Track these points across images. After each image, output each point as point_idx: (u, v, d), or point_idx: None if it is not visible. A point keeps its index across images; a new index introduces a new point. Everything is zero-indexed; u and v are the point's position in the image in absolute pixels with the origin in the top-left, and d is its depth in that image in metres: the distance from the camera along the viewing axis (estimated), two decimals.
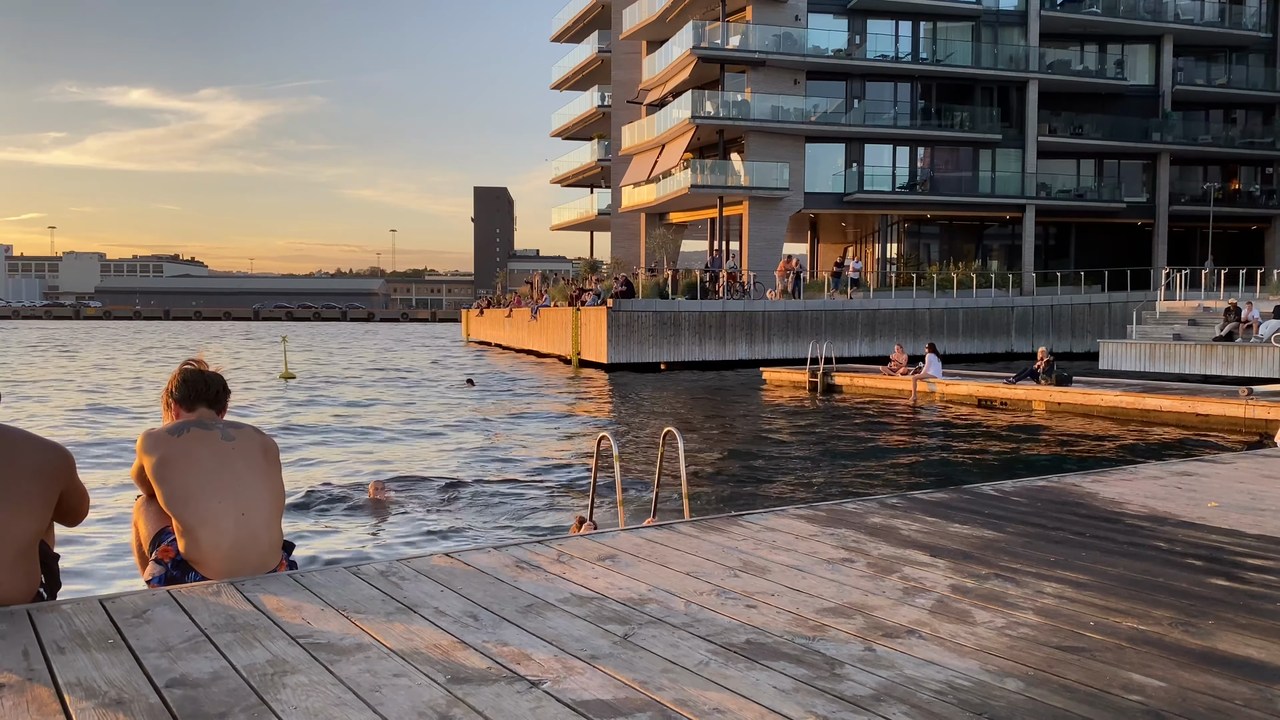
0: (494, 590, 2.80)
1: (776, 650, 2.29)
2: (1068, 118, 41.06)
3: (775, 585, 2.85)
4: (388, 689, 2.05)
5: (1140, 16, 40.92)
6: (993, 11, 39.58)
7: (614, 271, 38.10)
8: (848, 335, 31.38)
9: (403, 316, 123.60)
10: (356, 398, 21.46)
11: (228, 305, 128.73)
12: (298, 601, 2.67)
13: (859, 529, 3.60)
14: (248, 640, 2.35)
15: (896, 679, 2.11)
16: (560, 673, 2.15)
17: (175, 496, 3.06)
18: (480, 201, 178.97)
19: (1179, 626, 2.47)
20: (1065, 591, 2.79)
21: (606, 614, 2.57)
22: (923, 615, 2.57)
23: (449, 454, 13.39)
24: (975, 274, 35.67)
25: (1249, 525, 3.68)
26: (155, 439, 3.14)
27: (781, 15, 37.07)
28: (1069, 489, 4.48)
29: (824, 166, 38.36)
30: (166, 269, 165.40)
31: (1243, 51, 43.42)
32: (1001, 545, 3.35)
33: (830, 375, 21.70)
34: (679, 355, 29.89)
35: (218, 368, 3.43)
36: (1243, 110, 44.12)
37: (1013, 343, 34.24)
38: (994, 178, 40.15)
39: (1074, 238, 42.65)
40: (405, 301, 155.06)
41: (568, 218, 54.85)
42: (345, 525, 8.79)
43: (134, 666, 2.17)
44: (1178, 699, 2.00)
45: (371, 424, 16.78)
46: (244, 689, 2.04)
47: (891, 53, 39.01)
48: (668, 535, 3.52)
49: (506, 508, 9.83)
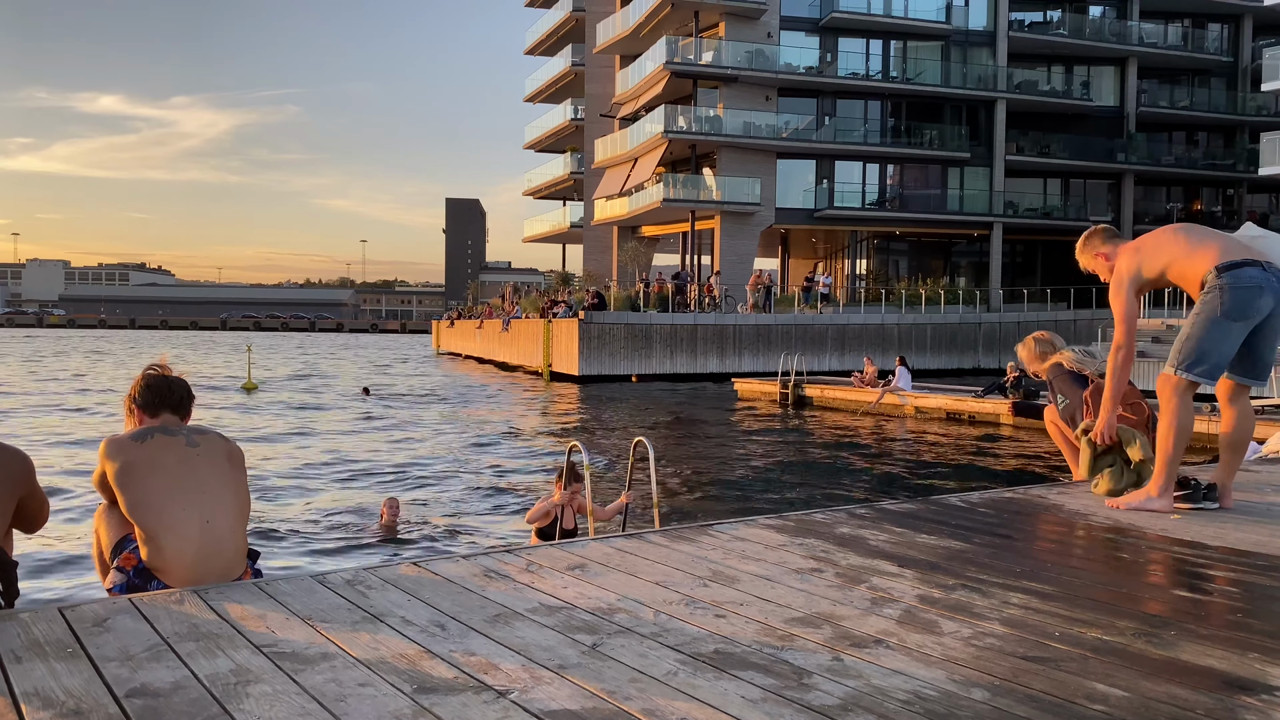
0: (462, 599, 2.78)
1: (745, 660, 2.29)
2: (1035, 137, 41.65)
3: (744, 595, 2.85)
4: (353, 699, 2.03)
5: (1106, 39, 41.63)
6: (962, 32, 40.10)
7: (586, 284, 38.11)
8: (818, 349, 31.57)
9: (372, 328, 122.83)
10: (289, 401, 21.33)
11: (195, 315, 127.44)
12: (262, 610, 2.64)
13: (828, 539, 3.61)
14: (211, 649, 2.31)
15: (864, 689, 2.12)
16: (528, 682, 2.13)
17: (138, 503, 3.01)
18: (452, 213, 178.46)
19: (1142, 637, 2.49)
20: (1031, 602, 2.81)
21: (575, 623, 2.56)
22: (890, 625, 2.57)
23: (393, 466, 13.30)
24: (943, 290, 36.03)
25: (1211, 537, 3.73)
26: (118, 445, 3.09)
27: (754, 32, 37.35)
28: (1035, 500, 4.52)
29: (795, 182, 38.63)
30: (133, 277, 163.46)
31: (1205, 75, 44.27)
32: (968, 556, 3.38)
33: (801, 387, 21.79)
34: (650, 367, 29.93)
35: (181, 373, 3.39)
36: (1205, 132, 44.96)
37: (980, 358, 34.58)
38: (962, 195, 40.61)
39: (1040, 255, 43.21)
40: (375, 312, 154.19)
41: (540, 230, 54.82)
42: (311, 533, 8.70)
43: (93, 676, 2.13)
44: (1140, 709, 2.02)
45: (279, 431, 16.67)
46: (206, 699, 2.01)
47: (862, 70, 39.40)
48: (638, 545, 3.51)
49: (474, 517, 9.78)
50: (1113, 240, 4.53)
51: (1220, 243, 4.15)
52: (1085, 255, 4.57)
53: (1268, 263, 4.05)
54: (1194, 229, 4.31)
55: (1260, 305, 3.99)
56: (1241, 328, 4.02)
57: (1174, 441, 4.11)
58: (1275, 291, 4.00)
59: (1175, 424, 4.09)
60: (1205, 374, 4.08)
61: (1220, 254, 4.07)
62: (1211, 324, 4.01)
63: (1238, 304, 3.97)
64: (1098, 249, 4.52)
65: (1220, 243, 4.15)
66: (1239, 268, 3.99)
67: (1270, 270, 4.02)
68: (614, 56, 44.60)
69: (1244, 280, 3.97)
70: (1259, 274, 3.98)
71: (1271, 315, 4.05)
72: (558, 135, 52.23)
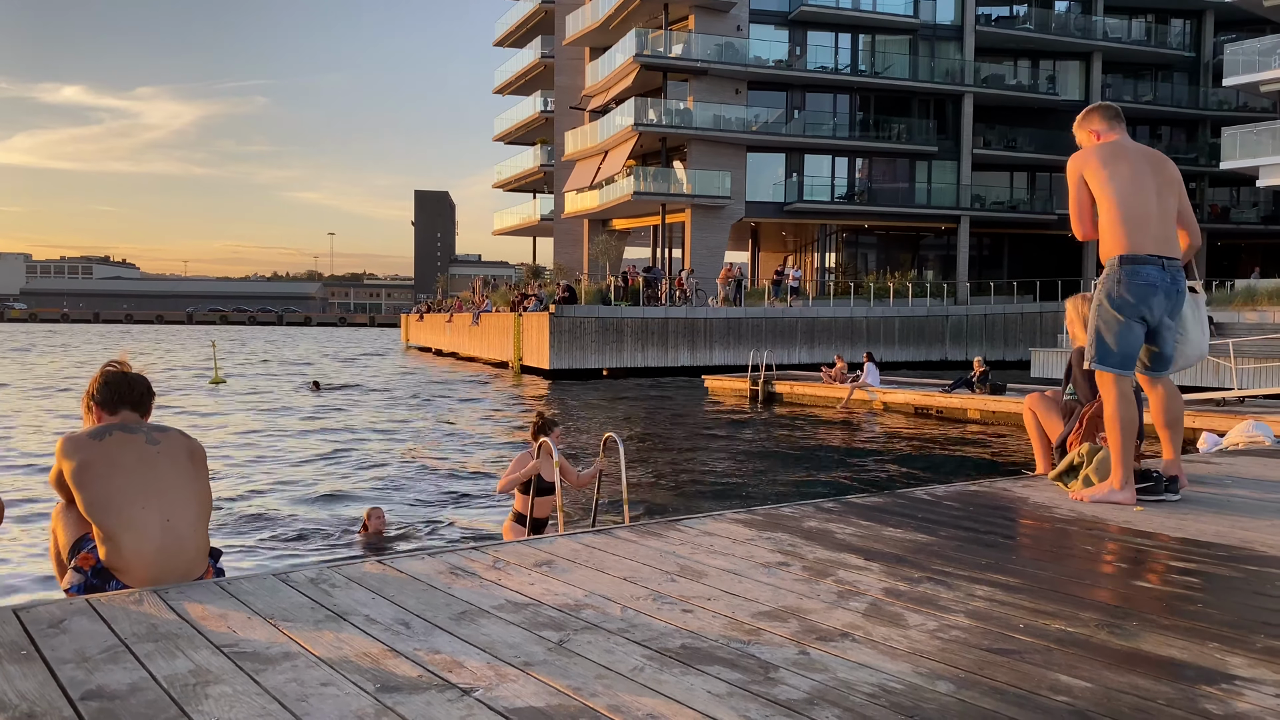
0: (427, 597, 2.75)
1: (711, 655, 2.29)
2: (1002, 131, 42.00)
3: (712, 589, 2.85)
4: (315, 698, 2.00)
5: (1071, 34, 42.04)
6: (930, 26, 40.33)
7: (557, 277, 38.01)
8: (787, 343, 31.69)
9: (340, 321, 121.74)
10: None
11: (160, 308, 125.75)
12: (223, 610, 2.60)
13: (795, 533, 3.62)
14: (170, 650, 2.27)
15: (830, 682, 2.12)
16: (493, 680, 2.11)
17: (96, 502, 2.96)
18: (421, 205, 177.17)
19: (1105, 628, 2.52)
20: (996, 594, 2.83)
21: (541, 620, 2.55)
22: (856, 618, 2.58)
23: (358, 464, 13.22)
24: (911, 283, 36.27)
25: (1172, 529, 3.77)
26: (75, 443, 3.04)
27: (724, 25, 37.37)
28: (1000, 494, 4.56)
29: (765, 176, 38.72)
30: (96, 271, 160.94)
31: (1168, 70, 44.84)
32: (934, 549, 3.40)
33: (771, 384, 21.86)
34: (621, 361, 29.90)
35: (142, 369, 3.33)
36: (1168, 126, 45.54)
37: (947, 351, 34.85)
38: (930, 189, 40.88)
39: (1007, 248, 43.60)
40: (344, 305, 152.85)
41: (510, 223, 54.58)
42: (285, 538, 8.62)
43: (48, 678, 2.09)
44: (1103, 699, 2.04)
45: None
46: (164, 700, 1.98)
47: (831, 64, 39.54)
48: (606, 540, 3.50)
49: (438, 511, 9.73)
50: (1112, 122, 4.32)
51: (1148, 225, 4.11)
52: (1081, 131, 4.40)
53: (1168, 259, 4.12)
54: (1149, 187, 4.14)
55: (1154, 304, 4.11)
56: (1139, 323, 4.13)
57: (1118, 433, 4.20)
58: (1169, 293, 4.12)
59: (1115, 416, 4.18)
60: (1117, 366, 4.16)
61: (1134, 243, 4.09)
62: (1110, 319, 4.13)
63: (1132, 301, 4.08)
64: (1094, 126, 4.34)
65: (1148, 225, 4.11)
66: (1141, 264, 4.07)
67: (1168, 269, 4.11)
68: (584, 49, 44.47)
69: (1141, 278, 4.07)
70: (1157, 274, 4.08)
71: (1167, 314, 4.18)
72: (527, 127, 52.03)
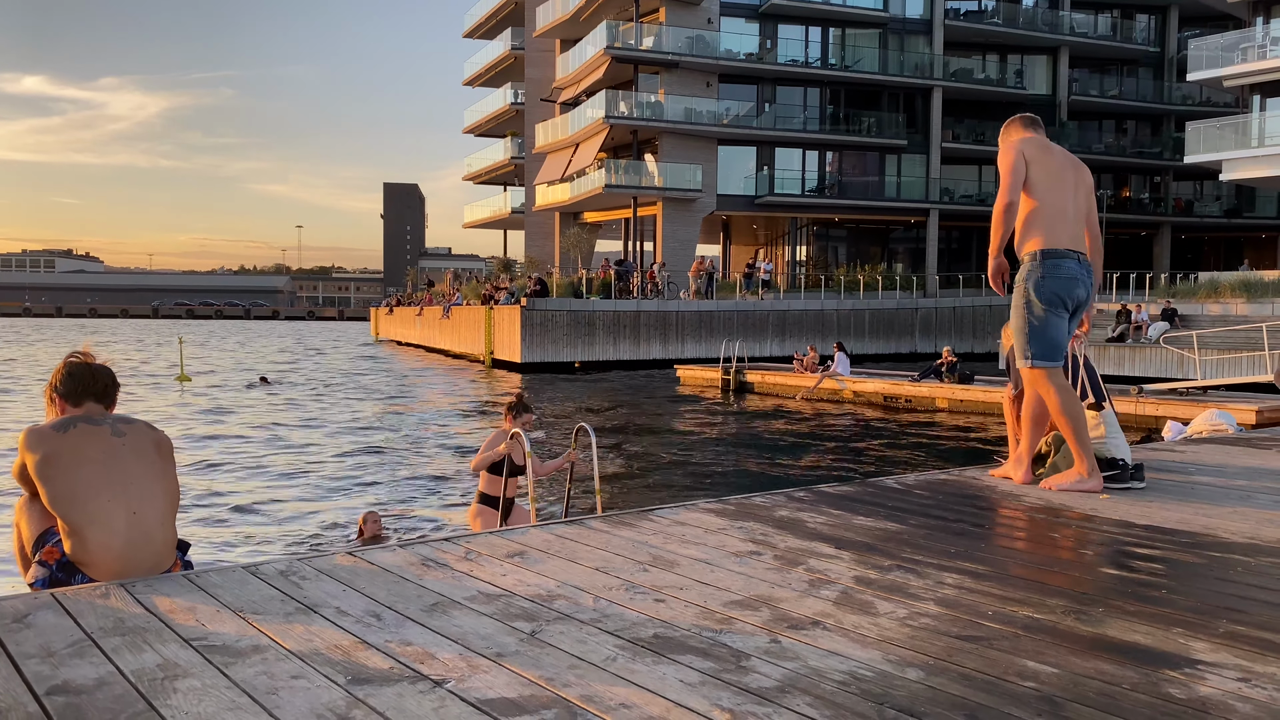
0: (398, 589, 2.74)
1: (684, 644, 2.29)
2: (970, 125, 42.30)
3: (684, 579, 2.86)
4: (285, 691, 1.99)
5: (1038, 29, 42.39)
6: (899, 20, 40.52)
7: (528, 270, 37.88)
8: (759, 335, 31.78)
9: (309, 315, 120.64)
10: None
11: (125, 302, 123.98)
12: (192, 603, 2.57)
13: (767, 522, 3.63)
14: (137, 644, 2.25)
15: (801, 670, 2.13)
16: (465, 671, 2.11)
17: (61, 495, 2.92)
18: (391, 198, 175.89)
19: (1071, 615, 2.55)
20: (965, 582, 2.86)
21: (514, 611, 2.54)
22: (827, 607, 2.60)
23: (331, 457, 13.15)
24: (881, 276, 36.50)
25: (1137, 516, 3.82)
26: (39, 435, 2.99)
27: (694, 17, 37.35)
28: (969, 482, 4.60)
29: (736, 169, 38.78)
30: (59, 264, 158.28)
31: (1133, 65, 45.33)
32: (904, 537, 3.42)
33: (742, 373, 21.94)
34: (593, 355, 29.87)
35: (107, 360, 3.29)
36: (1133, 121, 46.05)
37: (916, 343, 35.12)
38: (899, 182, 41.12)
39: (976, 242, 43.95)
40: (312, 299, 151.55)
41: (481, 215, 54.32)
42: (241, 525, 8.54)
43: (12, 673, 2.06)
44: (1070, 685, 2.06)
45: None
46: (131, 694, 1.96)
47: (802, 58, 39.63)
48: (578, 531, 3.50)
49: (409, 505, 9.69)
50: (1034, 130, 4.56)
51: (1066, 221, 4.28)
52: (1005, 141, 4.56)
53: (1081, 254, 4.29)
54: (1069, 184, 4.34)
55: (1076, 294, 4.26)
56: (1062, 312, 4.26)
57: (1069, 426, 4.28)
58: (1086, 285, 4.29)
59: (1060, 409, 4.27)
60: (1048, 358, 4.27)
61: (1054, 238, 4.24)
62: (1040, 312, 4.25)
63: (1056, 293, 4.22)
64: (1017, 135, 4.53)
65: (1066, 221, 4.28)
66: (1062, 258, 4.23)
67: (1083, 263, 4.28)
68: (554, 40, 44.28)
69: (1064, 271, 4.23)
70: (1076, 267, 4.25)
71: (1083, 305, 4.35)
72: (498, 120, 51.75)
